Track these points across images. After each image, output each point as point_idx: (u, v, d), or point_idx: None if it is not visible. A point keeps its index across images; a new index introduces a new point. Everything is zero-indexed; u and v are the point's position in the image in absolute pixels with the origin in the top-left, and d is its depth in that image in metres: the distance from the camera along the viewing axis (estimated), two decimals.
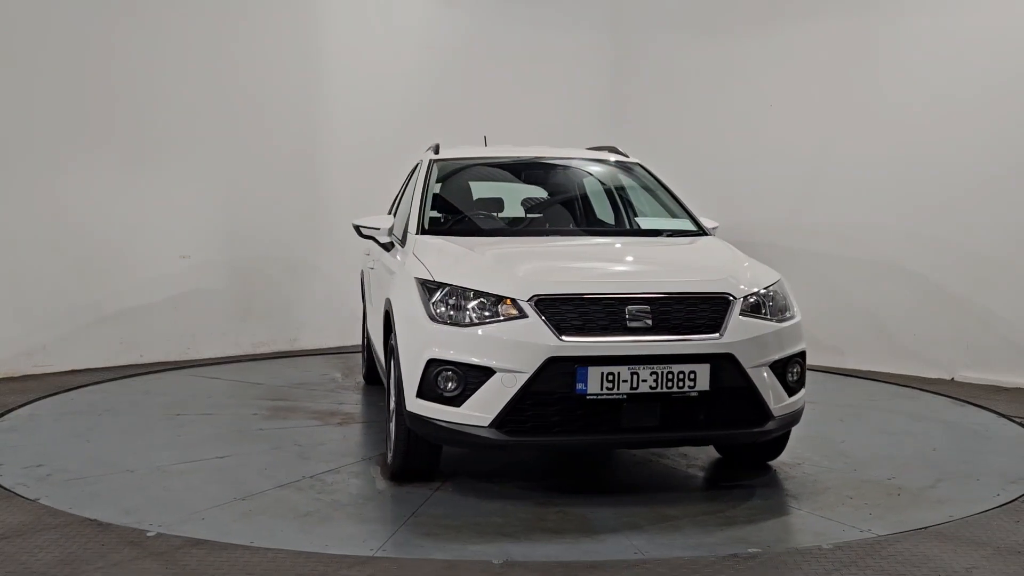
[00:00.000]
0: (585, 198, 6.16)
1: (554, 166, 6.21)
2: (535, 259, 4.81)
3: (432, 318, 4.32)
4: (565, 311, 4.20)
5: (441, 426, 4.28)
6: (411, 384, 4.35)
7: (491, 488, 4.67)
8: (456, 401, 4.22)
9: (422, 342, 4.32)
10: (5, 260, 7.62)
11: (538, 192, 6.34)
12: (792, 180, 8.90)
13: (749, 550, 3.79)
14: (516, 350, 4.14)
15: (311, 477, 4.83)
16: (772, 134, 9.02)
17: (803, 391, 4.67)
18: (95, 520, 4.09)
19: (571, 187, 6.22)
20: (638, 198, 6.01)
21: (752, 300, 4.47)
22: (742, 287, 4.47)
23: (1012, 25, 7.55)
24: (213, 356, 8.57)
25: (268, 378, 7.63)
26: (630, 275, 4.75)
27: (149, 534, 3.92)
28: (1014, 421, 6.25)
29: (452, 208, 5.78)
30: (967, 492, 4.61)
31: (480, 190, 6.14)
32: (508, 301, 4.24)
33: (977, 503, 4.41)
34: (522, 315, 4.20)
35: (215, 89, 8.66)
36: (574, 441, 4.31)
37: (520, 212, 6.12)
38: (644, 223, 5.79)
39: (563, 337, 4.15)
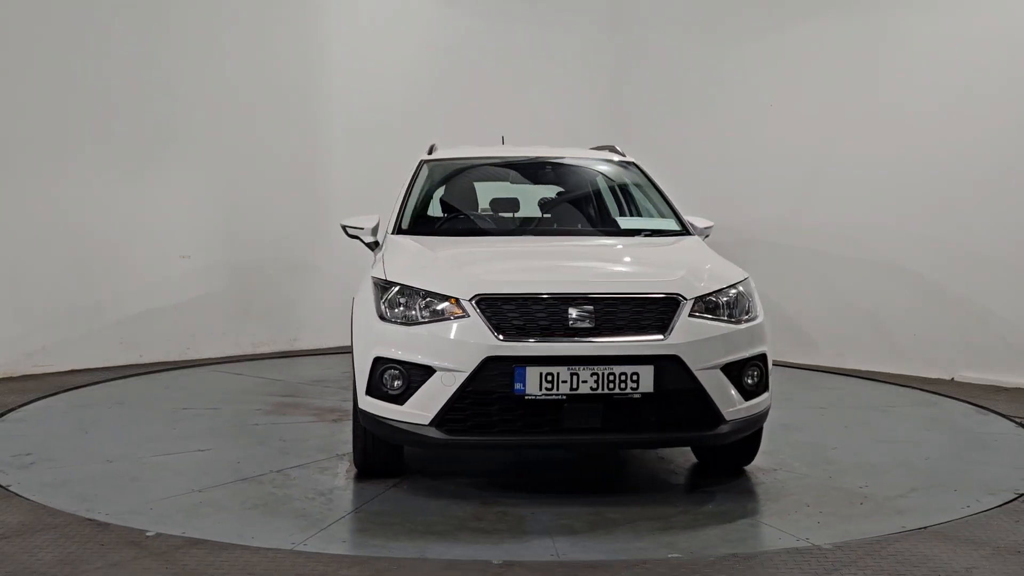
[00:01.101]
0: (573, 198, 6.14)
1: (545, 166, 6.19)
2: (487, 259, 4.86)
3: (381, 317, 4.39)
4: (507, 311, 4.21)
5: (387, 424, 4.34)
6: (362, 382, 4.44)
7: (445, 487, 4.69)
8: (400, 399, 4.27)
9: (371, 340, 4.40)
10: (5, 260, 7.62)
11: (528, 192, 6.32)
12: (792, 180, 8.90)
13: (669, 555, 3.71)
14: (455, 349, 4.17)
15: (277, 472, 4.91)
16: (772, 134, 9.02)
17: (766, 395, 4.55)
18: (95, 520, 4.09)
19: (560, 187, 6.20)
20: (628, 198, 5.97)
21: (706, 301, 4.38)
22: (695, 288, 4.38)
23: (1012, 25, 7.55)
24: (213, 356, 8.57)
25: (289, 375, 7.73)
26: (576, 275, 4.60)
27: (149, 534, 3.92)
28: (1014, 421, 6.25)
29: (440, 208, 5.81)
30: (935, 503, 4.43)
31: (469, 190, 6.15)
32: (453, 301, 4.27)
33: (938, 514, 4.22)
34: (464, 315, 4.22)
35: (215, 89, 8.66)
36: (514, 441, 4.32)
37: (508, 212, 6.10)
38: (626, 223, 5.69)
39: (502, 337, 4.15)
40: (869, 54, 8.39)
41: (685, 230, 5.45)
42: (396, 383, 4.28)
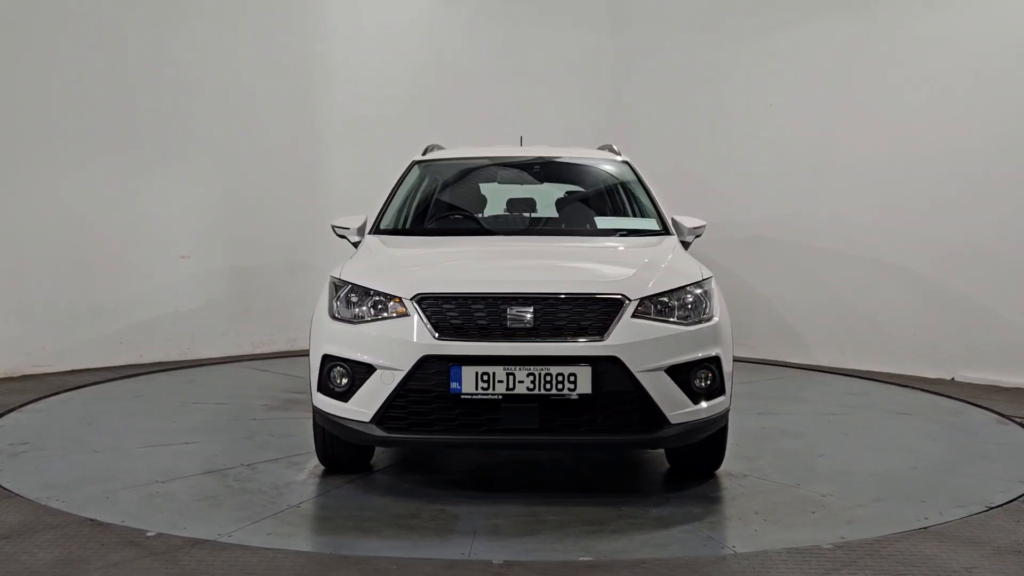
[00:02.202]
0: (569, 198, 6.14)
1: (536, 166, 6.17)
2: (441, 259, 4.93)
3: (331, 315, 4.49)
4: (446, 310, 4.24)
5: (334, 420, 4.42)
6: (314, 379, 4.52)
7: (401, 484, 4.76)
8: (345, 396, 4.34)
9: (321, 338, 4.48)
10: (6, 259, 7.62)
11: (520, 192, 6.30)
12: (792, 180, 8.90)
13: (581, 558, 3.68)
14: (394, 348, 4.22)
15: (247, 465, 5.02)
16: (772, 134, 9.02)
17: (721, 399, 4.43)
18: (95, 520, 4.09)
19: (560, 189, 6.20)
20: (614, 197, 5.94)
21: (656, 302, 4.33)
22: (642, 288, 4.32)
23: (1012, 25, 7.55)
24: (213, 356, 8.57)
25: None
26: (520, 276, 4.55)
27: (149, 534, 3.92)
28: (1014, 421, 6.25)
29: (425, 208, 5.84)
30: (892, 514, 4.26)
31: (461, 190, 6.16)
32: (397, 300, 4.33)
33: (888, 526, 4.08)
34: (406, 314, 4.27)
35: (215, 90, 8.67)
36: (452, 440, 4.32)
37: (497, 212, 6.08)
38: (604, 223, 5.64)
39: (439, 336, 4.18)
40: (869, 54, 8.38)
41: (665, 230, 5.39)
42: (342, 380, 4.36)
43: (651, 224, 5.48)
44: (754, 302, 9.19)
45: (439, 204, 5.93)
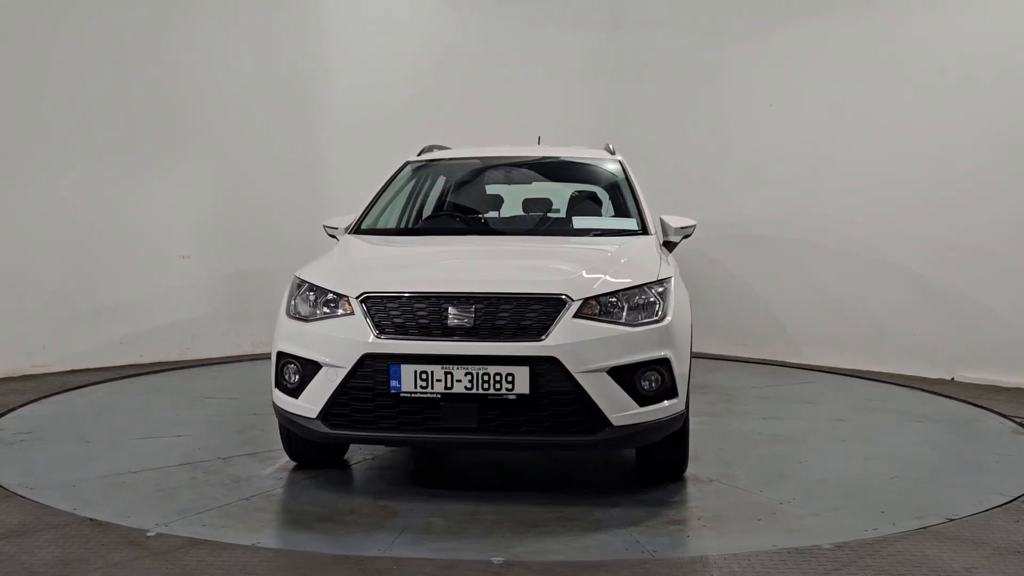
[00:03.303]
0: (548, 200, 6.13)
1: (523, 166, 6.15)
2: (393, 259, 4.99)
3: (287, 312, 4.60)
4: (389, 309, 4.28)
5: (287, 416, 4.51)
6: (272, 375, 4.63)
7: (359, 479, 4.83)
8: (296, 392, 4.42)
9: (278, 335, 4.61)
10: (6, 260, 7.63)
11: (509, 192, 6.32)
12: (792, 180, 8.90)
13: (493, 559, 3.67)
14: (338, 346, 4.28)
15: (223, 458, 5.16)
16: (772, 134, 9.02)
17: (672, 401, 4.33)
18: (95, 520, 4.09)
19: (545, 188, 6.17)
20: (600, 196, 5.90)
21: (602, 302, 4.27)
22: (587, 288, 4.27)
23: (1012, 25, 7.54)
24: (213, 356, 8.57)
25: None
26: (464, 275, 4.57)
27: (149, 534, 3.92)
28: (1014, 421, 6.25)
29: (407, 208, 5.89)
30: (840, 525, 4.11)
31: (447, 191, 6.20)
32: (345, 299, 4.38)
33: (834, 535, 3.95)
34: (351, 312, 4.33)
35: (215, 90, 8.67)
36: (393, 438, 4.37)
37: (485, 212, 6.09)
38: (580, 222, 5.57)
39: (381, 334, 4.22)
40: (869, 54, 8.39)
41: (644, 229, 5.31)
42: (294, 377, 4.44)
43: (630, 224, 5.41)
44: (753, 302, 9.20)
45: (420, 204, 5.98)
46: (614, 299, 4.30)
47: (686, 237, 5.53)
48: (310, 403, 4.34)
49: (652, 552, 3.77)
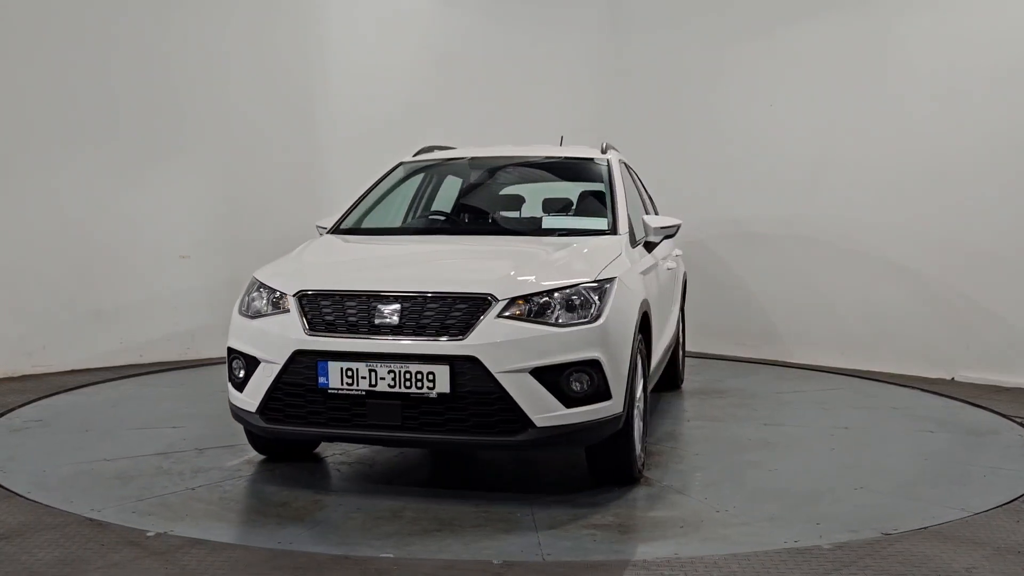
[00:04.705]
0: (520, 198, 6.12)
1: (507, 167, 6.14)
2: (340, 258, 5.07)
3: (239, 310, 4.71)
4: (322, 306, 4.36)
5: (235, 409, 4.66)
6: (227, 370, 4.75)
7: (313, 474, 4.91)
8: (241, 387, 4.56)
9: (230, 332, 4.71)
10: (5, 260, 7.63)
11: (484, 192, 6.28)
12: (792, 180, 8.90)
13: (382, 554, 3.68)
14: (273, 342, 4.38)
15: (199, 449, 5.35)
16: (772, 134, 9.02)
17: (603, 404, 4.24)
18: (95, 520, 4.10)
19: (520, 188, 6.15)
20: (581, 196, 5.84)
21: (532, 302, 4.22)
22: (515, 288, 4.23)
23: (1012, 25, 7.54)
24: (213, 356, 8.57)
25: None
26: (393, 274, 4.61)
27: (149, 534, 3.92)
28: (1014, 421, 6.25)
29: (395, 209, 5.93)
30: (763, 536, 3.97)
31: (428, 191, 6.21)
32: (285, 296, 4.48)
33: (752, 543, 3.86)
34: (287, 310, 4.43)
35: (215, 90, 8.67)
36: (322, 434, 4.49)
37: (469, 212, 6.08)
38: (549, 222, 5.50)
39: (312, 331, 4.30)
40: (869, 54, 8.39)
41: (613, 230, 5.22)
42: (240, 372, 4.57)
43: (601, 224, 5.31)
44: (752, 301, 9.20)
45: (404, 205, 6.02)
46: (546, 299, 4.25)
47: (668, 237, 5.49)
48: (251, 397, 4.46)
49: (547, 555, 3.71)
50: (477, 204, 6.00)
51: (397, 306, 4.24)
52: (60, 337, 7.86)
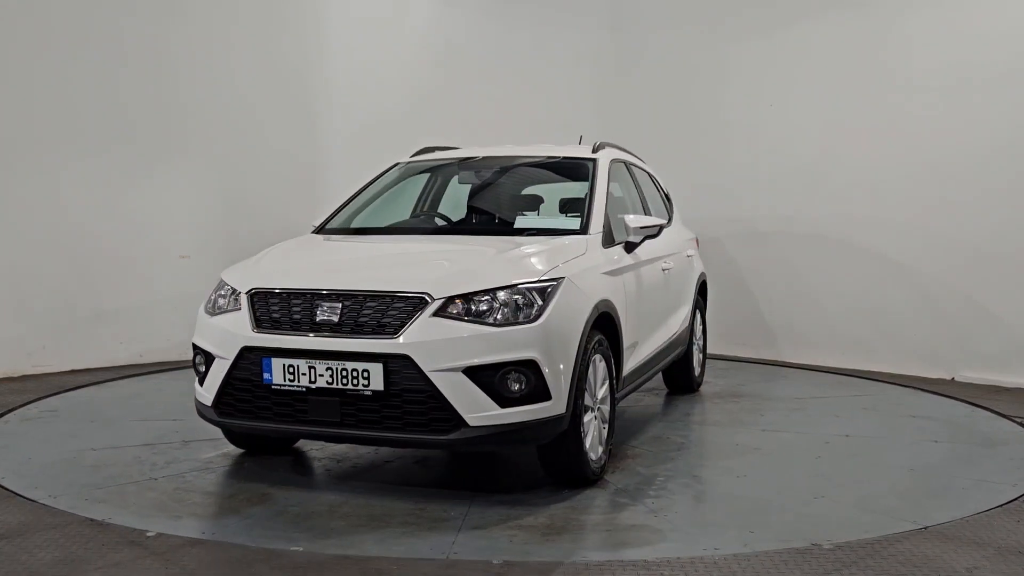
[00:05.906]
0: (502, 198, 6.04)
1: (498, 168, 6.10)
2: (299, 258, 5.13)
3: (204, 307, 4.82)
4: (270, 304, 4.47)
5: (196, 403, 4.78)
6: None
7: (277, 468, 4.96)
8: (201, 382, 4.70)
9: (196, 328, 4.82)
10: (5, 259, 7.62)
11: (474, 193, 6.24)
12: (792, 180, 8.89)
13: (291, 547, 3.73)
14: (225, 338, 4.51)
15: (184, 441, 5.51)
16: (772, 134, 9.02)
17: (541, 404, 4.22)
18: (95, 520, 4.10)
19: (501, 187, 6.08)
20: (565, 196, 5.79)
21: (465, 301, 4.22)
22: (450, 288, 4.24)
23: (1012, 24, 7.54)
24: None
25: None
26: (338, 273, 4.68)
27: (149, 534, 3.92)
28: (1014, 421, 6.24)
29: (382, 209, 5.95)
30: (686, 543, 3.87)
31: (418, 192, 6.26)
32: (239, 294, 4.60)
33: (665, 552, 3.77)
34: (240, 307, 4.56)
35: (215, 90, 8.67)
36: (269, 428, 4.52)
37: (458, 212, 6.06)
38: (522, 222, 5.45)
39: (259, 328, 4.42)
40: (870, 54, 8.38)
41: (584, 229, 5.12)
42: (202, 367, 4.68)
43: (573, 223, 5.24)
44: (752, 301, 9.19)
45: (388, 205, 6.04)
46: (486, 299, 4.25)
47: (649, 237, 5.46)
48: (208, 391, 4.59)
49: (452, 555, 3.69)
50: (467, 205, 5.97)
51: (338, 305, 4.33)
52: (60, 337, 7.86)
